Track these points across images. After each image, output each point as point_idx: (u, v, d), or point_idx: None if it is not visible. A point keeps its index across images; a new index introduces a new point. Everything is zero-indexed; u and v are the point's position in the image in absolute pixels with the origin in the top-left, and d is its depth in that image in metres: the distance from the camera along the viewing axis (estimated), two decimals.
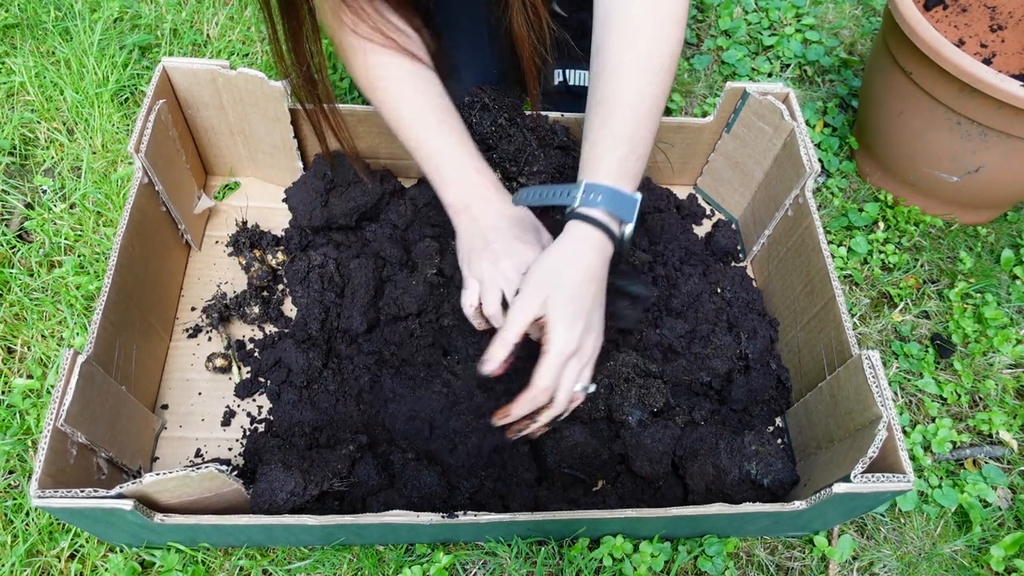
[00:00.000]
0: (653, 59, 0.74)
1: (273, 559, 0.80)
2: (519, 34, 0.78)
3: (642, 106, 0.74)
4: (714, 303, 0.96)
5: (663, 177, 1.15)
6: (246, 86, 0.94)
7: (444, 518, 0.70)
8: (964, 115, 1.00)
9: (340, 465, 0.78)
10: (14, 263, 1.01)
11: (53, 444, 0.67)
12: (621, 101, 0.74)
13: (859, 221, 1.17)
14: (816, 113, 1.32)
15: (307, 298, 0.91)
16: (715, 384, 0.91)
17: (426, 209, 1.02)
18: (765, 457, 0.79)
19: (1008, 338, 1.04)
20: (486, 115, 0.93)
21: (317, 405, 0.88)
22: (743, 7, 1.49)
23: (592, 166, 0.75)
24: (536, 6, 0.77)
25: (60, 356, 0.90)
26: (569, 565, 0.81)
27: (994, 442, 0.98)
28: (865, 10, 1.51)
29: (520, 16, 0.77)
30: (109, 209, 1.06)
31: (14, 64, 1.20)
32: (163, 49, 1.27)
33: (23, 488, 0.83)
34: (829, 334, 0.85)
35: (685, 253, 1.01)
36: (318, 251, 0.94)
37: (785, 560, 0.86)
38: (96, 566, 0.79)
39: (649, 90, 0.74)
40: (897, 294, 1.10)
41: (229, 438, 0.88)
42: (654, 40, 0.74)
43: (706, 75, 1.38)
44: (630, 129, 0.74)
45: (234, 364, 0.93)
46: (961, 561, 0.88)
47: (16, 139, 1.14)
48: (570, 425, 0.83)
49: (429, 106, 0.84)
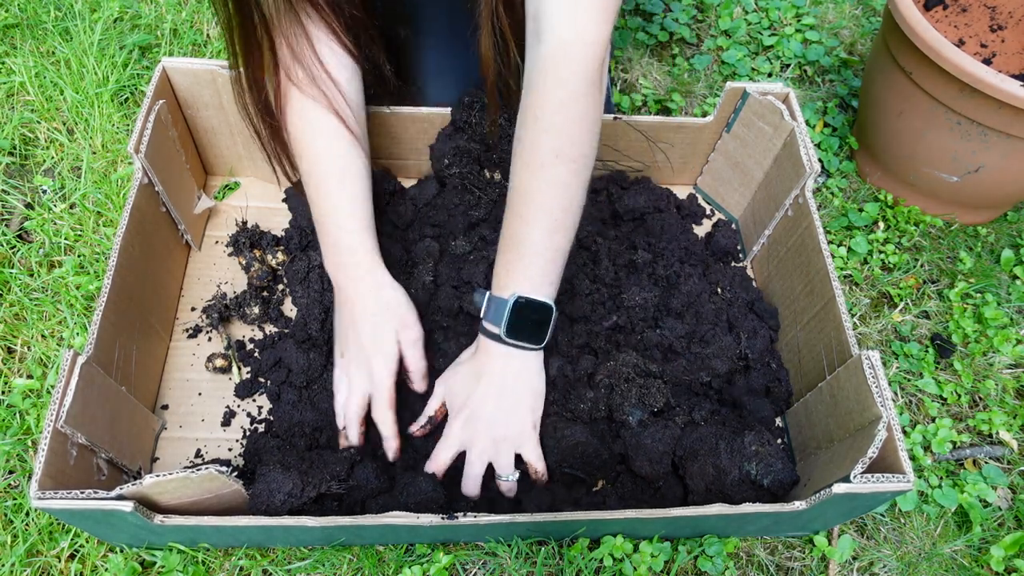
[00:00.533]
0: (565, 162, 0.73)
1: (273, 559, 0.81)
2: (485, 56, 0.78)
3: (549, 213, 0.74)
4: (714, 303, 0.96)
5: (663, 177, 1.15)
6: None
7: (444, 519, 0.70)
8: (964, 115, 1.00)
9: (339, 467, 0.78)
10: (14, 263, 1.01)
11: (53, 445, 0.67)
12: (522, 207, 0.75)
13: (859, 221, 1.17)
14: (816, 113, 1.32)
15: (307, 298, 0.91)
16: (715, 384, 0.91)
17: (426, 209, 1.02)
18: (765, 457, 0.79)
19: (1008, 338, 1.04)
20: (486, 115, 0.93)
21: (317, 405, 0.88)
22: (743, 7, 1.49)
23: (494, 274, 0.79)
24: (504, 33, 0.77)
25: (60, 356, 0.90)
26: (569, 565, 0.81)
27: (994, 442, 0.98)
28: (865, 10, 1.51)
29: (488, 40, 0.77)
30: (109, 209, 1.06)
31: (14, 64, 1.20)
32: (163, 49, 1.27)
33: (23, 488, 0.83)
34: (829, 334, 0.85)
35: (685, 253, 1.01)
36: (318, 251, 0.94)
37: (785, 560, 0.86)
38: (96, 566, 0.79)
39: (560, 192, 0.74)
40: (897, 294, 1.10)
41: (229, 438, 0.88)
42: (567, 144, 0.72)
43: (706, 75, 1.38)
44: (531, 234, 0.74)
45: (234, 364, 0.93)
46: (961, 561, 0.88)
47: (16, 139, 1.14)
48: (571, 425, 0.83)
49: (336, 173, 0.82)
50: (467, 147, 0.97)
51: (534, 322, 0.76)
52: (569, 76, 0.69)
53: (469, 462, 0.80)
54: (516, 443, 0.80)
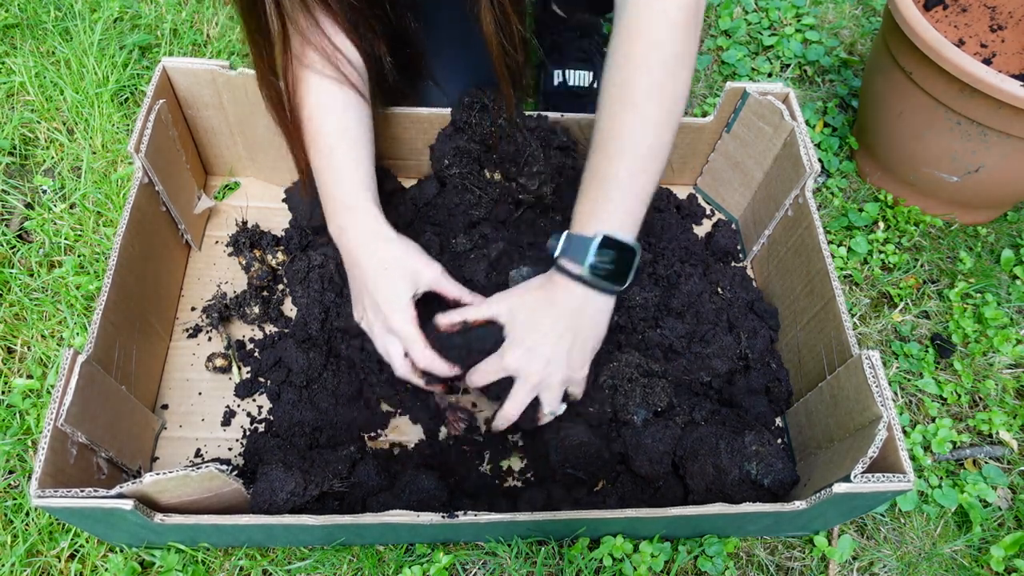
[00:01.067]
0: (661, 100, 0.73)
1: (273, 559, 0.80)
2: (488, 32, 0.77)
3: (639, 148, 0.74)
4: (714, 303, 0.96)
5: (663, 177, 1.15)
6: (246, 86, 0.94)
7: (444, 518, 0.70)
8: (964, 115, 1.00)
9: (340, 466, 0.78)
10: (14, 263, 1.01)
11: (53, 444, 0.67)
12: (613, 142, 0.74)
13: (859, 221, 1.17)
14: (816, 113, 1.32)
15: (307, 298, 0.91)
16: (715, 384, 0.91)
17: (426, 209, 1.02)
18: (765, 457, 0.79)
19: (1008, 338, 1.04)
20: (486, 116, 0.93)
21: (317, 405, 0.88)
22: (743, 7, 1.49)
23: (574, 214, 0.77)
24: (504, 5, 0.76)
25: (60, 356, 0.90)
26: (569, 565, 0.81)
27: (994, 442, 0.98)
28: (865, 10, 1.51)
29: (488, 15, 0.76)
30: (109, 209, 1.06)
31: (14, 64, 1.20)
32: (163, 49, 1.27)
33: (23, 488, 0.83)
34: (829, 334, 0.85)
35: (685, 253, 1.01)
36: (318, 251, 0.94)
37: (785, 560, 0.86)
38: (96, 566, 0.79)
39: (650, 131, 0.73)
40: (897, 294, 1.10)
41: (229, 438, 0.88)
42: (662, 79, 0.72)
43: (706, 75, 1.38)
44: (618, 171, 0.74)
45: (234, 364, 0.93)
46: (961, 561, 0.88)
47: (16, 139, 1.14)
48: (572, 425, 0.83)
49: (351, 152, 0.82)
50: (467, 147, 0.97)
51: (618, 262, 0.74)
52: (665, 14, 0.69)
53: (516, 392, 0.77)
54: (571, 382, 0.79)
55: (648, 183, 0.74)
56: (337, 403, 0.88)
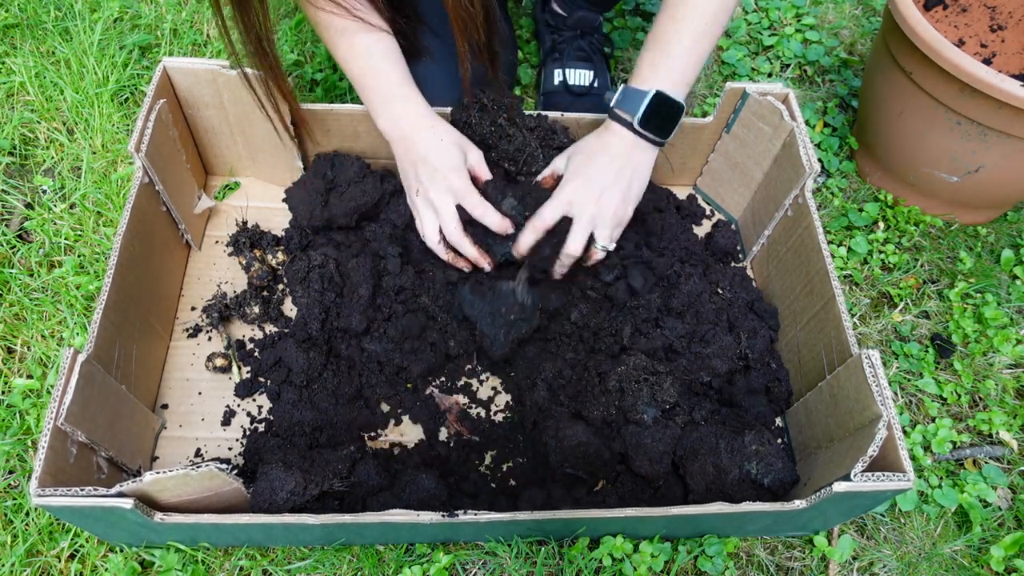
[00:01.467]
0: None
1: (273, 559, 0.80)
2: (449, 6, 0.80)
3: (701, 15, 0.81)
4: (714, 303, 0.96)
5: (663, 177, 1.15)
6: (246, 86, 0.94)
7: (444, 517, 0.70)
8: (964, 115, 1.00)
9: (340, 465, 0.78)
10: (14, 263, 1.01)
11: (53, 443, 0.67)
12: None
13: (859, 221, 1.17)
14: (816, 113, 1.32)
15: (307, 298, 0.91)
16: (715, 384, 0.91)
17: None
18: (765, 457, 0.79)
19: (1008, 338, 1.04)
20: (485, 115, 0.93)
21: (317, 405, 0.88)
22: (743, 7, 1.50)
23: (634, 68, 0.85)
24: None
25: (60, 356, 0.90)
26: (569, 565, 0.81)
27: (994, 442, 0.98)
28: (865, 10, 1.51)
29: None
30: (109, 209, 1.06)
31: (14, 64, 1.20)
32: (163, 49, 1.27)
33: (23, 488, 0.83)
34: (829, 334, 0.85)
35: (685, 253, 1.01)
36: (318, 251, 0.94)
37: (785, 560, 0.86)
38: (96, 566, 0.79)
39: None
40: (897, 294, 1.10)
41: (229, 438, 0.88)
42: None
43: (706, 75, 1.38)
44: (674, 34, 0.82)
45: (234, 364, 0.93)
46: (961, 561, 0.88)
47: (16, 139, 1.14)
48: (572, 425, 0.83)
49: (388, 57, 0.88)
50: None
51: (666, 117, 0.84)
52: None
53: (575, 229, 0.84)
54: (619, 220, 0.86)
55: (707, 49, 0.83)
56: (337, 403, 0.88)
